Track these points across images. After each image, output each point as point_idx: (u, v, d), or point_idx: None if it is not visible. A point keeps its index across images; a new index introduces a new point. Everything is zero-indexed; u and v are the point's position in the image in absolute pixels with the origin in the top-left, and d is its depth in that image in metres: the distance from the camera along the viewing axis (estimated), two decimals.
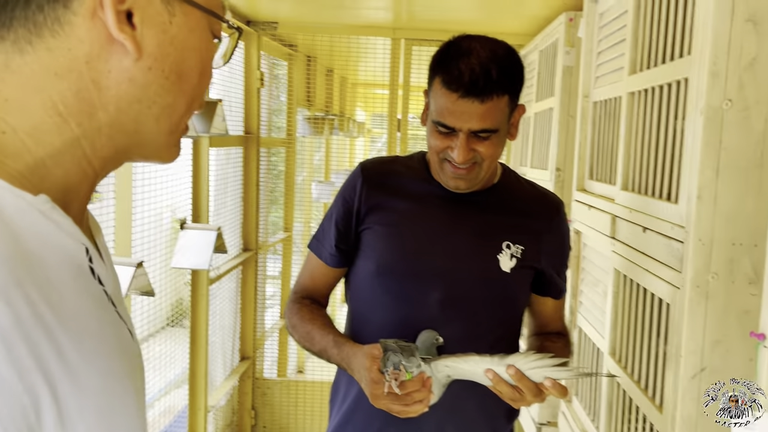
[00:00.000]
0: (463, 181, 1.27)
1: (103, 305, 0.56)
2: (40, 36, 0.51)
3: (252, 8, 3.10)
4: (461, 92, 1.17)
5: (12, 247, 0.46)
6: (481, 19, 3.11)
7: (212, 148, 2.93)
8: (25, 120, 0.52)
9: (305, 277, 1.43)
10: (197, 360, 2.81)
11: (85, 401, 0.49)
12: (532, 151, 2.86)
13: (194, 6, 0.58)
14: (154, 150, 0.61)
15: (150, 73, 0.55)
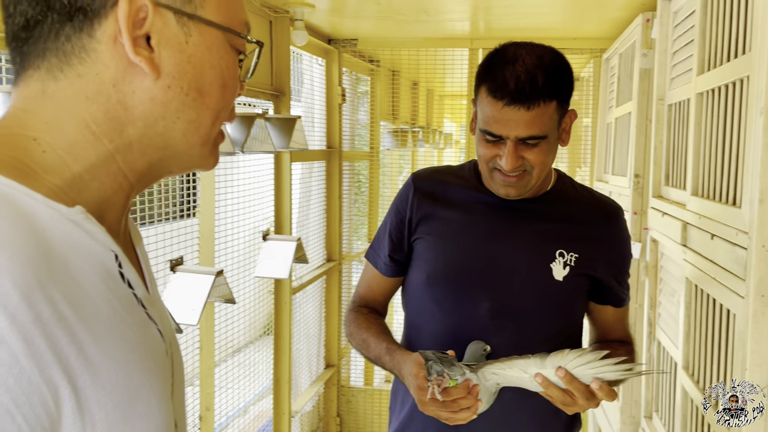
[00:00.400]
0: (513, 189, 1.26)
1: (130, 307, 0.60)
2: (70, 64, 0.57)
3: (333, 27, 3.21)
4: (507, 100, 1.16)
5: (39, 253, 0.50)
6: (559, 24, 3.06)
7: (296, 162, 3.06)
8: (62, 139, 0.58)
9: (363, 287, 1.47)
10: (281, 367, 2.92)
11: (104, 393, 0.52)
12: (613, 158, 2.77)
13: (210, 24, 0.61)
14: (188, 161, 0.65)
15: (170, 91, 0.60)
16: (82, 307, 0.52)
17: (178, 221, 2.30)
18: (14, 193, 0.51)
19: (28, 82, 0.58)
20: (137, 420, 0.56)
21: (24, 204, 0.51)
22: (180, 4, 0.59)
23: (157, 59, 0.58)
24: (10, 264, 0.46)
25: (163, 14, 0.58)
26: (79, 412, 0.50)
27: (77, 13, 0.55)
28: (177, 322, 1.90)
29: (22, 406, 0.46)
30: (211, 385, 2.35)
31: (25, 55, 0.58)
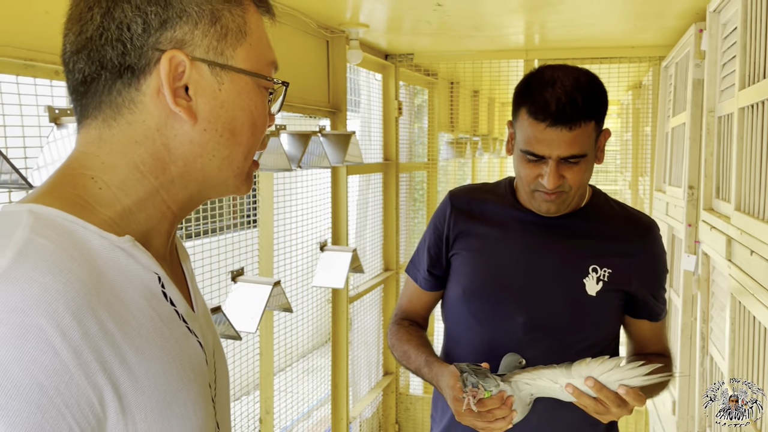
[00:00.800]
0: (553, 205, 1.30)
1: (170, 322, 0.68)
2: (121, 113, 0.66)
3: (389, 44, 3.30)
4: (549, 121, 1.20)
5: (90, 278, 0.58)
6: (616, 34, 3.04)
7: (353, 175, 3.16)
8: (115, 177, 0.67)
9: (404, 300, 1.54)
10: (338, 373, 3.02)
11: (143, 396, 0.60)
12: (670, 168, 2.73)
13: (240, 72, 0.69)
14: (224, 189, 0.74)
15: (206, 134, 0.68)
16: (126, 323, 0.61)
17: (245, 231, 2.44)
18: (73, 227, 0.61)
19: (87, 129, 0.68)
20: (174, 420, 0.64)
21: (80, 235, 0.61)
22: (213, 56, 0.67)
23: (194, 107, 0.67)
24: (65, 288, 0.55)
25: (198, 67, 0.66)
26: (122, 413, 0.58)
27: (126, 71, 0.65)
28: (236, 329, 2.02)
29: (72, 407, 0.54)
30: (270, 390, 2.46)
31: (85, 107, 0.68)
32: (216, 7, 0.67)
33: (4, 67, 1.27)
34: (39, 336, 0.53)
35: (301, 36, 2.63)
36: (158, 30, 0.64)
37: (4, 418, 0.51)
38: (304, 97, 2.63)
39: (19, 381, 0.52)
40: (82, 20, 0.65)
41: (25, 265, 0.55)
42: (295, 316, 2.79)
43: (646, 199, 3.60)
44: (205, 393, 0.71)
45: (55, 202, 0.63)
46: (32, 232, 0.58)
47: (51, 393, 0.53)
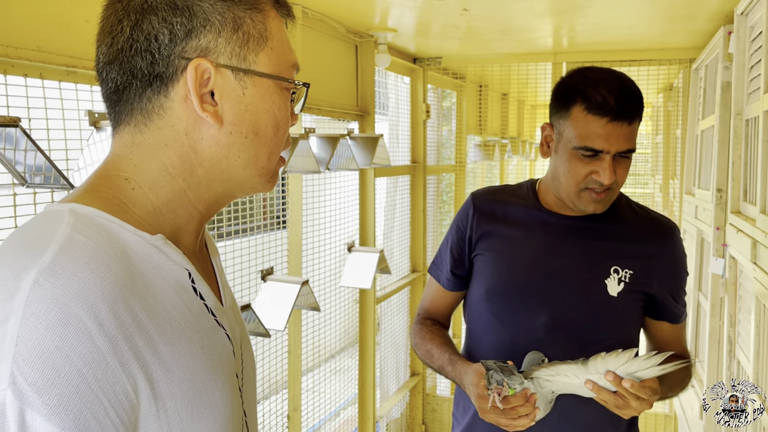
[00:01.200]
0: (601, 204, 1.31)
1: (200, 315, 0.71)
2: (152, 119, 0.70)
3: (417, 47, 3.34)
4: (611, 117, 1.23)
5: (125, 272, 0.63)
6: (645, 37, 3.02)
7: (381, 177, 3.20)
8: (147, 178, 0.71)
9: (427, 300, 1.56)
10: (365, 373, 3.06)
11: (173, 385, 0.64)
12: (699, 171, 2.71)
13: (263, 76, 0.72)
14: (249, 188, 0.78)
15: (231, 136, 0.71)
16: (158, 316, 0.65)
17: (275, 232, 2.49)
18: (110, 225, 0.66)
19: (121, 134, 0.73)
20: (203, 408, 0.68)
21: (117, 233, 0.66)
22: (236, 62, 0.71)
23: (220, 111, 0.71)
24: (102, 282, 0.60)
25: (223, 73, 0.70)
26: (154, 400, 0.63)
27: (155, 79, 0.69)
28: (266, 327, 2.07)
29: (108, 393, 0.58)
30: (298, 388, 2.52)
31: (118, 114, 0.72)
32: (238, 14, 0.71)
33: (48, 73, 1.34)
34: (78, 326, 0.57)
35: (331, 41, 2.68)
36: (184, 39, 0.68)
37: (47, 402, 0.55)
38: (332, 101, 2.68)
39: (60, 368, 0.56)
40: (113, 33, 0.69)
41: (66, 261, 0.59)
42: (323, 315, 2.83)
43: (676, 202, 3.57)
44: (232, 382, 0.74)
45: (93, 201, 0.67)
46: (73, 230, 0.62)
47: (89, 379, 0.57)
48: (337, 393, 3.29)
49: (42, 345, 0.56)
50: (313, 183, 2.85)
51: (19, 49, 1.28)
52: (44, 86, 1.35)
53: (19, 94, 1.30)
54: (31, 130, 1.29)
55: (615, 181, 1.28)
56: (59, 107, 1.38)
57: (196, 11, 0.69)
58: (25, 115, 1.30)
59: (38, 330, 0.56)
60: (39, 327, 0.56)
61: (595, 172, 1.26)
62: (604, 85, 1.24)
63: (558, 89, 1.32)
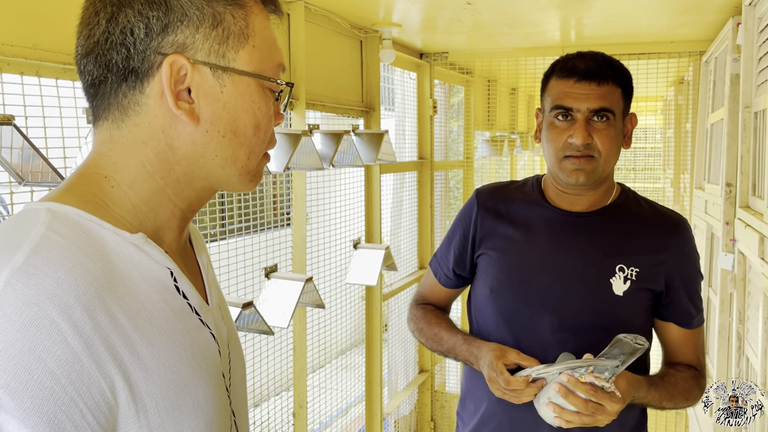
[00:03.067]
0: (582, 173, 1.29)
1: (182, 314, 0.70)
2: (128, 115, 0.68)
3: (424, 43, 3.32)
4: (578, 77, 1.27)
5: (102, 272, 0.61)
6: (654, 29, 2.98)
7: (387, 174, 3.19)
8: (126, 176, 0.69)
9: (426, 289, 1.55)
10: (372, 369, 3.05)
11: (154, 385, 0.63)
12: (708, 166, 2.67)
13: (242, 74, 0.70)
14: (230, 186, 0.76)
15: (208, 135, 0.69)
16: (137, 316, 0.64)
17: (280, 230, 2.49)
18: (88, 224, 0.64)
19: (100, 130, 0.71)
20: (185, 408, 0.67)
21: (95, 232, 0.64)
22: (214, 59, 0.69)
23: (197, 109, 0.69)
24: (76, 282, 0.59)
25: (200, 70, 0.68)
26: (133, 401, 0.61)
27: (130, 74, 0.67)
28: (269, 324, 2.07)
29: (84, 395, 0.57)
30: (303, 385, 2.51)
31: (96, 108, 0.71)
32: (218, 10, 0.69)
33: (44, 71, 1.34)
34: (51, 328, 0.56)
35: (335, 36, 2.67)
36: (160, 34, 0.67)
37: (20, 405, 0.54)
38: (337, 97, 2.67)
39: (33, 370, 0.55)
40: (90, 24, 0.68)
41: (39, 261, 0.58)
42: (329, 313, 2.83)
43: (686, 196, 3.52)
44: (217, 382, 0.73)
45: (72, 200, 0.66)
46: (48, 229, 0.61)
47: (63, 381, 0.56)
48: (346, 390, 3.28)
49: (14, 347, 0.55)
50: (319, 179, 2.84)
51: (14, 47, 1.27)
52: (41, 84, 1.34)
53: (16, 92, 1.29)
54: (28, 128, 1.29)
55: (596, 149, 1.27)
56: (56, 105, 1.38)
57: (173, 6, 0.67)
58: (22, 114, 1.30)
59: (10, 332, 0.55)
60: (11, 329, 0.55)
61: (570, 136, 1.28)
62: (580, 57, 1.30)
63: (545, 73, 1.37)
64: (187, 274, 0.74)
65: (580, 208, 1.37)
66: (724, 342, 2.20)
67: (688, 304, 1.35)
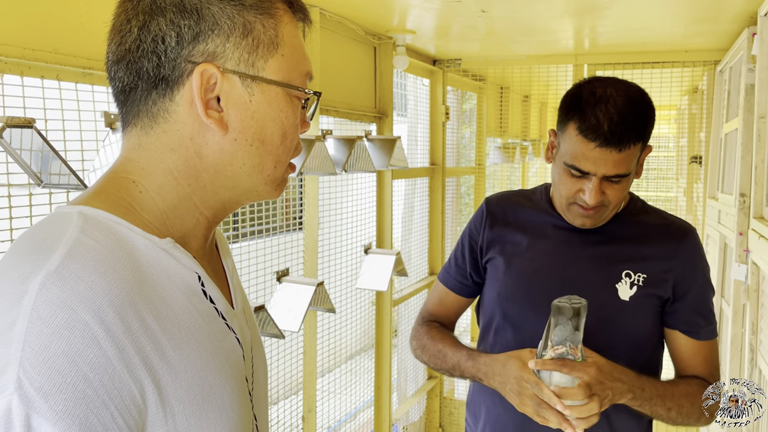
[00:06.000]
0: (590, 220, 1.30)
1: (210, 318, 0.70)
2: (157, 122, 0.69)
3: (437, 49, 3.33)
4: (600, 141, 1.19)
5: (133, 276, 0.62)
6: (668, 38, 2.98)
7: (399, 179, 3.19)
8: (153, 182, 0.70)
9: (433, 303, 1.55)
10: (381, 375, 3.05)
11: (181, 389, 0.63)
12: (722, 176, 2.66)
13: (271, 83, 0.70)
14: (255, 195, 0.77)
15: (236, 143, 0.70)
16: (167, 320, 0.64)
17: (292, 234, 2.50)
18: (119, 228, 0.65)
19: (129, 136, 0.72)
20: (211, 412, 0.67)
21: (125, 236, 0.65)
22: (244, 68, 0.69)
23: (225, 117, 0.69)
24: (109, 286, 0.59)
25: (230, 78, 0.69)
26: (161, 405, 0.62)
27: (161, 82, 0.68)
28: (280, 328, 2.08)
29: (114, 398, 0.58)
30: (313, 389, 2.52)
31: (126, 115, 0.72)
32: (248, 19, 0.69)
33: (64, 75, 1.36)
34: (85, 331, 0.56)
35: (349, 43, 2.68)
36: (191, 43, 0.67)
37: (53, 407, 0.54)
38: (351, 103, 2.68)
39: (66, 373, 0.55)
40: (122, 32, 0.68)
41: (73, 264, 0.59)
42: (339, 317, 2.83)
43: (699, 206, 3.51)
44: (241, 387, 0.73)
45: (102, 204, 0.67)
46: (81, 232, 0.62)
47: (96, 385, 0.56)
48: (355, 395, 3.28)
49: (48, 350, 0.55)
50: (331, 184, 2.85)
51: (36, 51, 1.30)
52: (61, 88, 1.36)
53: (36, 96, 1.32)
54: (48, 131, 1.31)
55: (606, 200, 1.26)
56: (75, 108, 1.40)
57: (205, 14, 0.67)
58: (42, 117, 1.32)
59: (45, 334, 0.55)
60: (45, 331, 0.55)
61: (582, 191, 1.25)
62: (604, 106, 1.19)
63: (565, 97, 1.29)
64: (213, 278, 0.74)
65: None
66: (737, 353, 2.19)
67: (695, 312, 1.34)
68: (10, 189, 1.26)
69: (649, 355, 1.36)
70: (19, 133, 1.18)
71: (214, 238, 0.83)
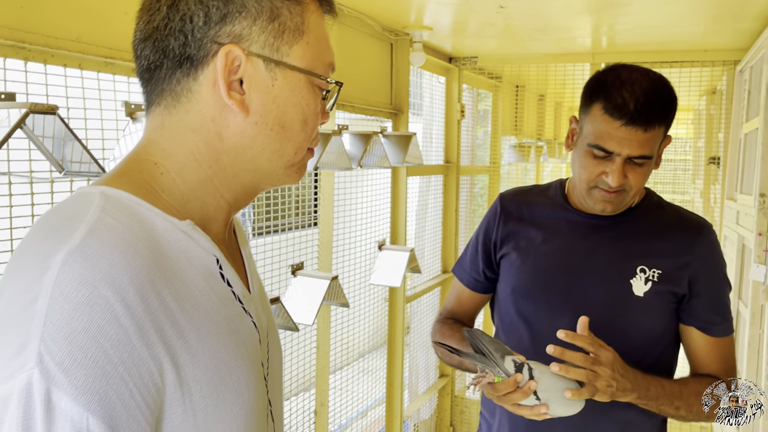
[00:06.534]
0: (610, 205, 1.29)
1: (227, 301, 0.70)
2: (180, 102, 0.70)
3: (453, 47, 3.32)
4: (625, 120, 1.20)
5: (153, 256, 0.62)
6: (687, 37, 2.95)
7: (413, 176, 3.19)
8: (175, 164, 0.70)
9: (451, 301, 1.55)
10: (393, 372, 3.05)
11: (199, 370, 0.63)
12: (741, 176, 2.63)
13: (294, 69, 0.71)
14: (275, 180, 0.77)
15: (257, 127, 0.70)
16: (185, 300, 0.64)
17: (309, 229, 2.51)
18: (139, 209, 0.66)
19: (153, 116, 0.72)
20: (227, 394, 0.67)
21: (146, 217, 0.65)
22: (269, 52, 0.70)
23: (247, 100, 0.70)
24: (129, 264, 0.60)
25: (254, 62, 0.69)
26: (179, 384, 0.62)
27: (186, 61, 0.69)
28: (294, 321, 2.08)
29: (134, 376, 0.58)
30: (325, 384, 2.52)
31: (150, 94, 0.72)
32: (275, 4, 0.69)
33: (87, 63, 1.37)
34: (105, 308, 0.57)
35: (366, 38, 2.68)
36: (218, 23, 0.68)
37: (73, 382, 0.55)
38: (366, 99, 2.68)
39: (87, 349, 0.56)
40: (151, 10, 0.69)
41: (95, 242, 0.59)
42: (352, 313, 2.84)
43: (716, 207, 3.48)
44: (257, 370, 0.74)
45: (124, 185, 0.67)
46: (102, 212, 0.62)
47: (115, 361, 0.57)
48: (365, 393, 3.28)
49: (69, 325, 0.56)
50: (346, 180, 2.85)
51: (59, 39, 1.30)
52: (83, 77, 1.37)
53: (59, 84, 1.33)
54: (69, 119, 1.32)
55: (628, 184, 1.25)
56: (97, 97, 1.41)
57: None
58: (64, 105, 1.33)
59: (66, 310, 0.56)
60: (67, 307, 0.56)
61: (605, 173, 1.25)
62: (629, 87, 1.21)
63: (588, 83, 1.30)
64: (231, 263, 0.74)
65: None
66: (754, 354, 2.17)
67: (711, 309, 1.32)
68: (32, 176, 1.27)
69: (662, 351, 1.35)
70: (42, 119, 1.19)
71: (233, 224, 0.83)
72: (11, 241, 1.23)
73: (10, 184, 1.24)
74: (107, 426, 0.56)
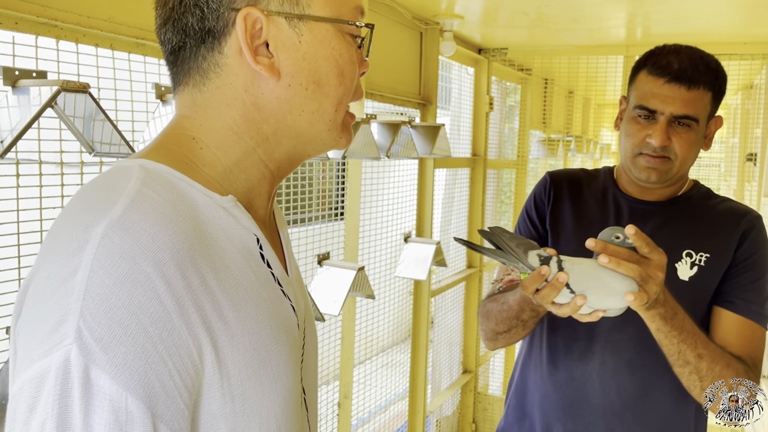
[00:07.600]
0: (655, 172, 1.27)
1: (267, 283, 0.68)
2: (209, 78, 0.67)
3: (483, 37, 3.27)
4: (668, 77, 1.22)
5: (194, 233, 0.60)
6: (726, 29, 2.87)
7: (440, 169, 3.15)
8: (214, 138, 0.68)
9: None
10: (417, 367, 3.02)
11: (238, 352, 0.61)
12: None
13: (319, 20, 0.67)
14: (321, 144, 0.73)
15: (290, 89, 0.67)
16: (225, 280, 0.62)
17: (331, 222, 2.48)
18: (180, 183, 0.63)
19: (182, 95, 0.70)
20: (265, 378, 0.64)
21: (187, 192, 0.63)
22: (288, 7, 0.66)
23: (276, 63, 0.66)
24: (170, 240, 0.57)
25: (275, 21, 0.66)
26: (218, 366, 0.59)
27: (207, 35, 0.66)
28: (320, 311, 2.06)
29: (173, 356, 0.56)
30: (350, 375, 2.50)
31: (177, 74, 0.70)
32: None
33: (118, 44, 1.36)
34: (146, 283, 0.54)
35: (396, 27, 2.65)
36: None
37: (112, 360, 0.52)
38: (395, 88, 2.65)
39: (126, 325, 0.53)
40: None
41: (136, 215, 0.57)
42: (376, 305, 2.81)
43: (753, 206, 3.38)
44: (295, 356, 0.71)
45: (163, 158, 0.65)
46: (143, 185, 0.60)
47: (155, 339, 0.54)
48: (388, 387, 3.26)
49: (109, 300, 0.53)
50: (372, 171, 2.82)
51: (91, 18, 1.29)
52: (114, 57, 1.36)
53: (90, 64, 1.31)
54: (100, 99, 1.30)
55: (673, 151, 1.25)
56: (128, 78, 1.40)
57: None
58: (95, 85, 1.31)
59: (106, 285, 0.53)
60: (107, 281, 0.53)
61: (649, 135, 1.25)
62: (675, 53, 1.24)
63: (636, 62, 1.32)
64: (270, 245, 0.72)
65: (651, 197, 1.36)
66: None
67: (742, 289, 1.27)
68: (62, 156, 1.26)
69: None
70: (73, 98, 1.17)
71: (273, 206, 0.81)
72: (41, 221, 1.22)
73: (41, 163, 1.23)
74: (146, 407, 0.53)
